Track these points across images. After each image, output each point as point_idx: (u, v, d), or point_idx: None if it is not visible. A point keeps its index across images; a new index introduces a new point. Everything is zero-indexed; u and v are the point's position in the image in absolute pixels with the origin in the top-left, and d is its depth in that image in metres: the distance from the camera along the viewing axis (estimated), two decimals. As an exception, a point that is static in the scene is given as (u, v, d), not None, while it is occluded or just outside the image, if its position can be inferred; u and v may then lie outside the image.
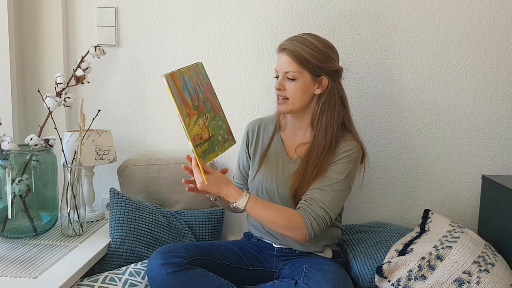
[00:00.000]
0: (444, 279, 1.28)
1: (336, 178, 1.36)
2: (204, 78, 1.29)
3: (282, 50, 1.38)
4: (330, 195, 1.34)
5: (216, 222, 1.73)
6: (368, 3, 1.74)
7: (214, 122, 1.30)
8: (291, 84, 1.37)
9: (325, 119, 1.38)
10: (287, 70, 1.36)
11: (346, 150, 1.38)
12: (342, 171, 1.37)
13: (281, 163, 1.46)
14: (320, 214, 1.32)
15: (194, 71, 1.26)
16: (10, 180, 1.45)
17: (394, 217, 1.84)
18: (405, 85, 1.77)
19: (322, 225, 1.33)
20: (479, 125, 1.77)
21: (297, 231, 1.31)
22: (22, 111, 1.84)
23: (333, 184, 1.35)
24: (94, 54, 1.64)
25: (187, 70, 1.23)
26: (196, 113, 1.23)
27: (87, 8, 1.83)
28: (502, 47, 1.73)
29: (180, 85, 1.20)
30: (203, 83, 1.29)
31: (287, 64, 1.36)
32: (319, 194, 1.34)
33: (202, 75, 1.29)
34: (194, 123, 1.22)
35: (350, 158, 1.38)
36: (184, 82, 1.21)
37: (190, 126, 1.20)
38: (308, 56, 1.34)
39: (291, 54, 1.35)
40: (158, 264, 1.29)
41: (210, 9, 1.79)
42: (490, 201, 1.64)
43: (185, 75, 1.22)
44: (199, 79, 1.27)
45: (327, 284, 1.21)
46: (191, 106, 1.22)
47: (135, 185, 1.76)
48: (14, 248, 1.41)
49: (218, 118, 1.32)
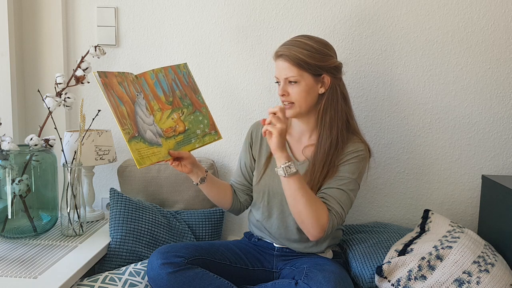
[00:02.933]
0: (444, 279, 1.28)
1: (349, 177, 1.37)
2: (185, 77, 1.44)
3: (279, 57, 1.37)
4: (345, 194, 1.36)
5: (216, 222, 1.73)
6: (368, 3, 1.74)
7: (193, 117, 1.41)
8: (294, 88, 1.36)
9: (328, 116, 1.38)
10: (287, 76, 1.36)
11: (355, 150, 1.39)
12: (354, 171, 1.38)
13: None
14: (339, 211, 1.34)
15: (172, 71, 1.41)
16: (10, 180, 1.45)
17: (394, 217, 1.84)
18: (405, 85, 1.77)
19: (339, 223, 1.34)
20: (479, 125, 1.77)
21: (319, 225, 1.29)
22: (22, 111, 1.84)
23: (347, 183, 1.36)
24: (94, 54, 1.64)
25: (162, 70, 1.39)
26: (169, 107, 1.37)
27: (87, 8, 1.83)
28: (502, 47, 1.73)
29: (152, 82, 1.36)
30: (183, 81, 1.43)
31: (286, 69, 1.35)
32: (336, 192, 1.35)
33: (182, 74, 1.43)
34: (167, 116, 1.36)
35: (360, 159, 1.39)
36: (157, 80, 1.37)
37: (162, 120, 1.34)
38: (306, 58, 1.33)
39: (289, 59, 1.34)
40: (158, 264, 1.29)
41: (210, 9, 1.79)
42: (490, 201, 1.64)
43: (159, 74, 1.38)
44: (177, 78, 1.42)
45: (327, 284, 1.21)
46: (164, 101, 1.37)
47: (135, 185, 1.76)
48: (14, 248, 1.41)
49: (199, 113, 1.43)
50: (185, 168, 1.40)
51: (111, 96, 1.23)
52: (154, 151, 1.29)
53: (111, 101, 1.22)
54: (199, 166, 1.44)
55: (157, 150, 1.30)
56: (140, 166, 1.23)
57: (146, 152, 1.27)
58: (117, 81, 1.27)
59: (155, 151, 1.29)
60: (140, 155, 1.24)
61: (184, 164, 1.39)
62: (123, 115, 1.24)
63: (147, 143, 1.28)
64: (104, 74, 1.24)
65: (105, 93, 1.22)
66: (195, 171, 1.43)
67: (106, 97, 1.22)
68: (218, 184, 1.52)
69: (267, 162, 1.49)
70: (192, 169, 1.41)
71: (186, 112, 1.40)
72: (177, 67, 1.42)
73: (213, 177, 1.50)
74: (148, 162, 1.26)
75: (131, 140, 1.24)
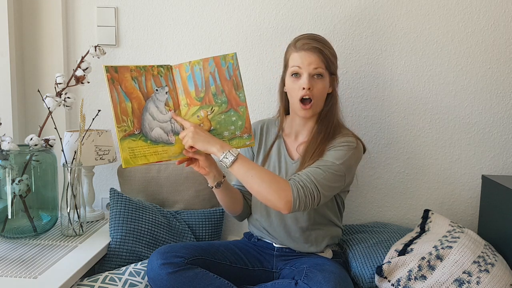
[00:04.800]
0: (444, 279, 1.28)
1: (333, 162, 1.32)
2: (229, 69, 1.29)
3: (310, 49, 1.35)
4: (323, 174, 1.29)
5: (216, 222, 1.73)
6: (368, 3, 1.74)
7: (223, 116, 1.30)
8: (318, 83, 1.36)
9: (328, 118, 1.41)
10: (317, 69, 1.35)
11: (345, 141, 1.37)
12: (339, 157, 1.33)
13: (283, 164, 1.46)
14: (308, 185, 1.25)
15: (213, 62, 1.28)
16: (10, 180, 1.45)
17: (394, 217, 1.84)
18: (405, 85, 1.77)
19: (309, 197, 1.25)
20: (479, 125, 1.77)
21: (282, 195, 1.22)
22: (22, 111, 1.84)
23: (329, 165, 1.31)
24: (94, 54, 1.64)
25: (201, 62, 1.27)
26: (198, 104, 1.28)
27: (87, 8, 1.83)
28: (502, 47, 1.73)
29: (186, 76, 1.27)
30: (224, 74, 1.29)
31: (315, 63, 1.35)
32: (311, 169, 1.30)
33: (227, 65, 1.29)
34: (193, 113, 1.28)
35: (349, 148, 1.36)
36: (192, 73, 1.27)
37: (187, 116, 1.28)
38: (331, 57, 1.38)
39: (321, 54, 1.35)
40: (158, 264, 1.29)
41: (210, 9, 1.79)
42: (490, 201, 1.64)
43: (195, 66, 1.27)
44: (218, 71, 1.28)
45: (327, 284, 1.21)
46: (193, 97, 1.28)
47: (135, 185, 1.76)
48: (14, 248, 1.41)
49: (234, 113, 1.31)
50: (202, 170, 1.33)
51: (115, 91, 1.21)
52: (158, 150, 1.25)
53: (113, 96, 1.20)
54: (217, 169, 1.38)
55: (163, 149, 1.26)
56: (127, 165, 1.20)
57: (143, 151, 1.23)
58: (131, 76, 1.23)
59: (159, 150, 1.25)
60: (132, 154, 1.21)
61: (201, 165, 1.33)
62: (125, 112, 1.22)
63: (149, 142, 1.24)
64: (114, 69, 1.21)
65: (109, 88, 1.20)
66: (212, 173, 1.36)
67: (109, 92, 1.20)
68: (233, 190, 1.48)
69: (263, 161, 1.49)
70: (209, 171, 1.34)
71: (217, 111, 1.30)
72: (222, 57, 1.28)
73: (228, 183, 1.45)
74: (141, 161, 1.22)
75: (125, 138, 1.21)
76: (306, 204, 1.25)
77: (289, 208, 1.24)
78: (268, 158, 1.48)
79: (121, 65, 1.23)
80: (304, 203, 1.25)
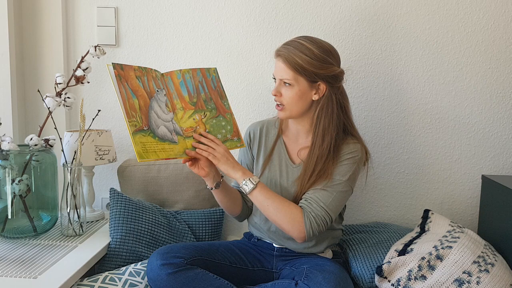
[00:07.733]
0: (444, 279, 1.28)
1: (339, 179, 1.35)
2: (213, 81, 1.42)
3: (278, 56, 1.36)
4: (332, 196, 1.34)
5: (216, 222, 1.73)
6: (368, 3, 1.74)
7: (215, 121, 1.39)
8: (287, 90, 1.35)
9: (322, 125, 1.36)
10: (283, 77, 1.35)
11: (349, 152, 1.38)
12: (345, 173, 1.36)
13: (284, 168, 1.46)
14: (320, 214, 1.32)
15: (200, 73, 1.40)
16: (10, 180, 1.45)
17: (394, 217, 1.84)
18: (405, 85, 1.77)
19: (322, 225, 1.32)
20: (479, 125, 1.77)
21: (295, 226, 1.31)
22: (22, 111, 1.84)
23: (335, 185, 1.35)
24: (94, 54, 1.63)
25: (190, 71, 1.39)
26: (192, 108, 1.37)
27: (87, 8, 1.83)
28: (502, 47, 1.73)
29: (178, 82, 1.37)
30: (210, 85, 1.41)
31: (282, 71, 1.34)
32: (320, 194, 1.34)
33: (211, 78, 1.42)
34: (189, 116, 1.36)
35: (354, 161, 1.37)
36: (184, 80, 1.38)
37: (183, 118, 1.35)
38: (303, 63, 1.31)
39: (286, 61, 1.33)
40: (158, 265, 1.29)
41: (210, 9, 1.79)
42: (490, 201, 1.64)
43: (186, 74, 1.38)
44: (205, 81, 1.41)
45: (327, 284, 1.21)
46: (188, 101, 1.37)
47: (135, 185, 1.76)
48: (14, 248, 1.41)
49: (222, 118, 1.40)
50: (202, 171, 1.33)
51: (123, 88, 1.24)
52: (165, 147, 1.27)
53: (121, 92, 1.23)
54: (216, 170, 1.37)
55: (169, 147, 1.28)
56: (141, 159, 1.21)
57: (153, 147, 1.25)
58: (135, 75, 1.27)
59: (166, 147, 1.28)
60: (144, 148, 1.23)
61: (201, 166, 1.33)
62: (133, 108, 1.24)
63: (157, 138, 1.27)
64: (120, 66, 1.25)
65: (116, 84, 1.23)
66: (211, 175, 1.35)
67: (117, 88, 1.22)
68: (231, 190, 1.47)
69: (265, 164, 1.48)
70: (208, 172, 1.34)
71: (209, 116, 1.38)
72: (206, 70, 1.41)
73: (226, 183, 1.45)
74: (153, 156, 1.24)
75: (137, 133, 1.23)
76: (319, 231, 1.33)
77: (303, 239, 1.33)
78: (269, 161, 1.48)
79: (127, 64, 1.27)
80: (318, 231, 1.33)
